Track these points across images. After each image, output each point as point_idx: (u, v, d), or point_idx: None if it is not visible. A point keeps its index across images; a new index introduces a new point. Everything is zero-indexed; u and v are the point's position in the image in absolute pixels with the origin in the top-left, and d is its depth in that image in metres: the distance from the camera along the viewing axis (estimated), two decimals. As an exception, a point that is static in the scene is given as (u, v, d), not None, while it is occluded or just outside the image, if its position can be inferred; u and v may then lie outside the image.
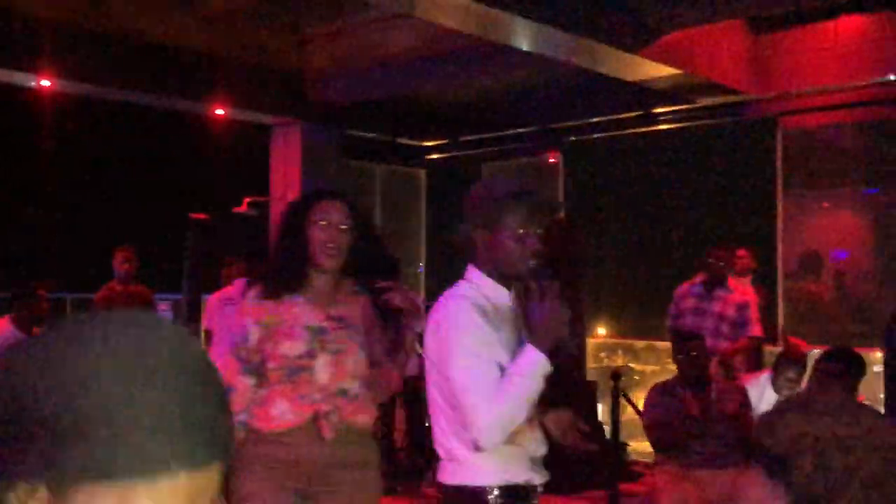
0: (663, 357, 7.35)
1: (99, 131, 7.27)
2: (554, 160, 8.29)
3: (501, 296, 2.28)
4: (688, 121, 7.42)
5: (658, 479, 4.49)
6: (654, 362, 7.98)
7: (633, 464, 6.76)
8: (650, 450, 4.95)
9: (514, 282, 2.30)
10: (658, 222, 7.64)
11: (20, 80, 6.44)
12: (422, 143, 9.44)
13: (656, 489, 4.52)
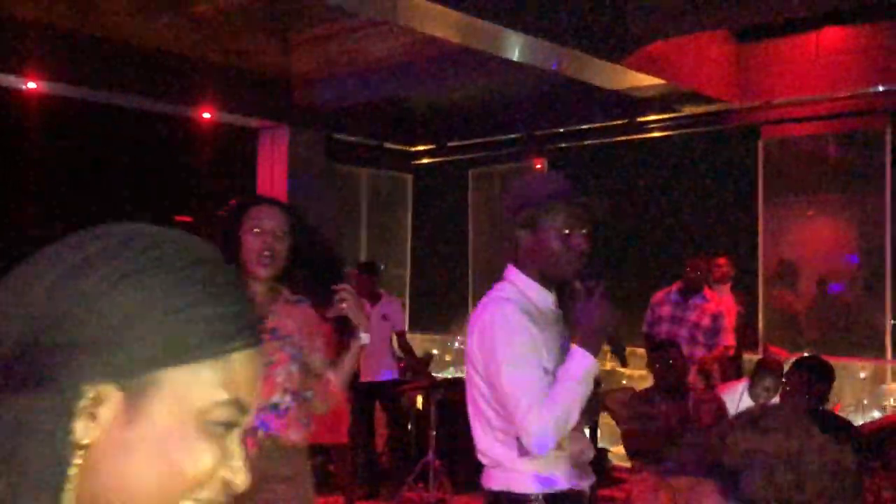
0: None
1: (85, 134, 7.25)
2: (539, 166, 8.33)
3: (543, 298, 2.22)
4: (672, 129, 7.48)
5: (634, 487, 4.54)
6: (641, 367, 8.04)
7: (614, 469, 6.80)
8: (629, 456, 5.00)
9: (559, 283, 2.23)
10: (642, 228, 7.69)
11: (7, 83, 6.44)
12: (409, 148, 9.46)
13: (632, 496, 4.57)
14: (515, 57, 5.86)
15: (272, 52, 7.40)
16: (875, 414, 6.41)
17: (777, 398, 4.47)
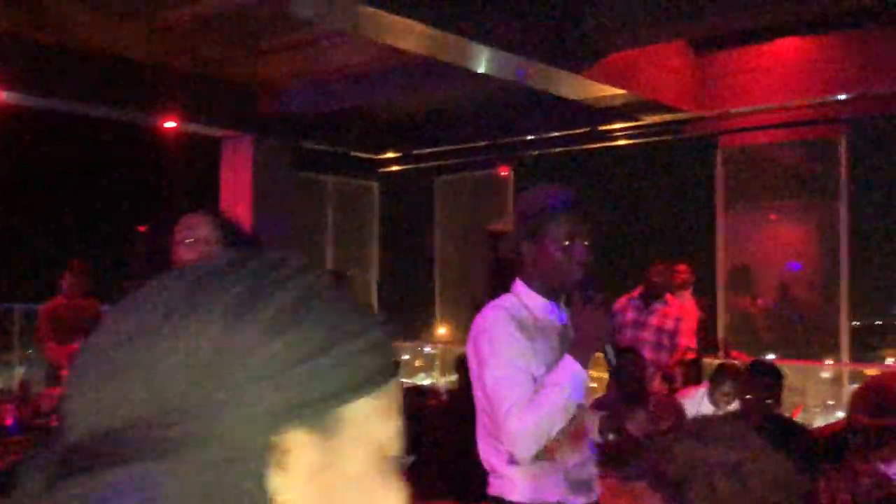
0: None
1: (49, 143, 7.21)
2: (505, 174, 8.42)
3: (544, 308, 2.24)
4: (633, 138, 7.61)
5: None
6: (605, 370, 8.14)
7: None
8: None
9: (563, 292, 2.25)
10: (604, 235, 7.81)
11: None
12: (375, 156, 9.50)
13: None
14: (480, 69, 5.93)
15: (237, 62, 7.39)
16: (839, 414, 6.55)
17: (736, 403, 4.53)
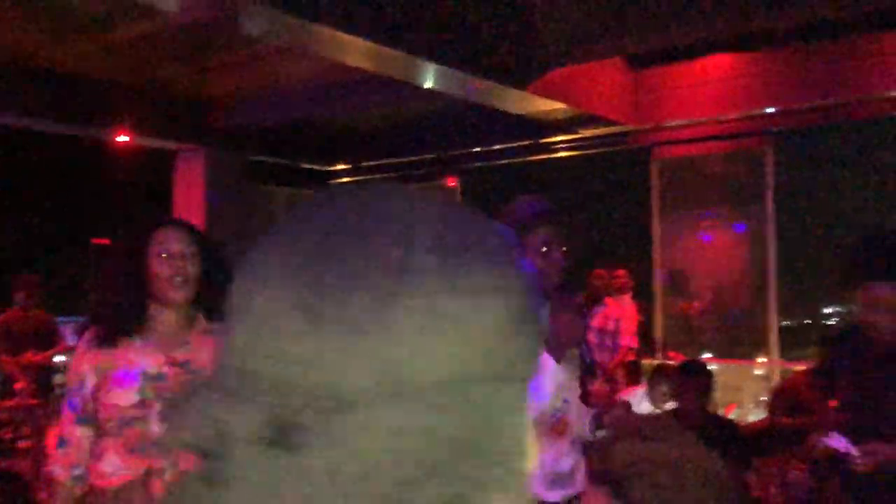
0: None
1: (2, 158, 7.23)
2: (452, 184, 8.68)
3: None
4: (573, 150, 7.94)
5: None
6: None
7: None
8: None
9: (543, 296, 2.35)
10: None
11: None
12: (324, 168, 9.68)
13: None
14: (426, 84, 6.15)
15: (188, 78, 7.48)
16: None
17: (673, 402, 4.75)
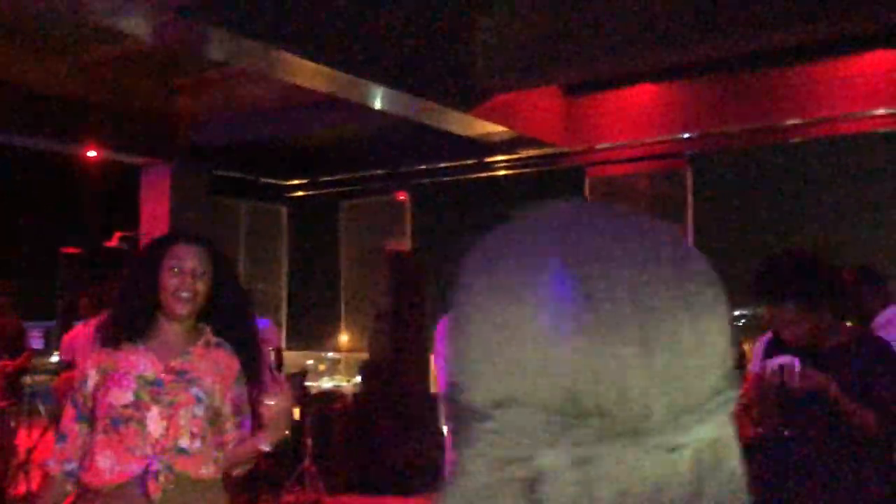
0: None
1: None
2: (403, 199, 9.32)
3: None
4: (514, 169, 8.63)
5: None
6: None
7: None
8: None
9: None
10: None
11: None
12: (283, 182, 10.22)
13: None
14: (377, 105, 6.69)
15: (155, 95, 7.94)
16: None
17: None
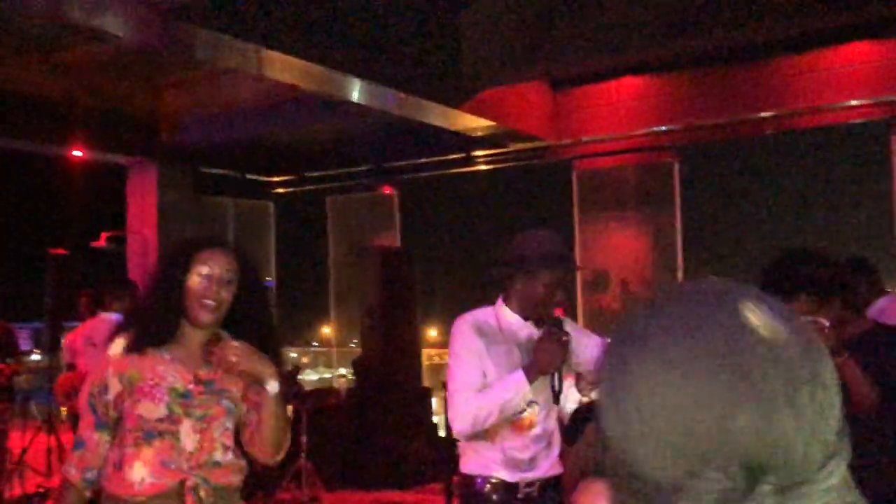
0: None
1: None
2: (389, 193, 9.34)
3: (515, 323, 2.71)
4: (501, 162, 8.68)
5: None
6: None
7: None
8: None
9: (535, 319, 2.71)
10: (478, 243, 8.85)
11: None
12: (270, 179, 10.22)
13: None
14: (365, 102, 6.69)
15: (140, 95, 7.90)
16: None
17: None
